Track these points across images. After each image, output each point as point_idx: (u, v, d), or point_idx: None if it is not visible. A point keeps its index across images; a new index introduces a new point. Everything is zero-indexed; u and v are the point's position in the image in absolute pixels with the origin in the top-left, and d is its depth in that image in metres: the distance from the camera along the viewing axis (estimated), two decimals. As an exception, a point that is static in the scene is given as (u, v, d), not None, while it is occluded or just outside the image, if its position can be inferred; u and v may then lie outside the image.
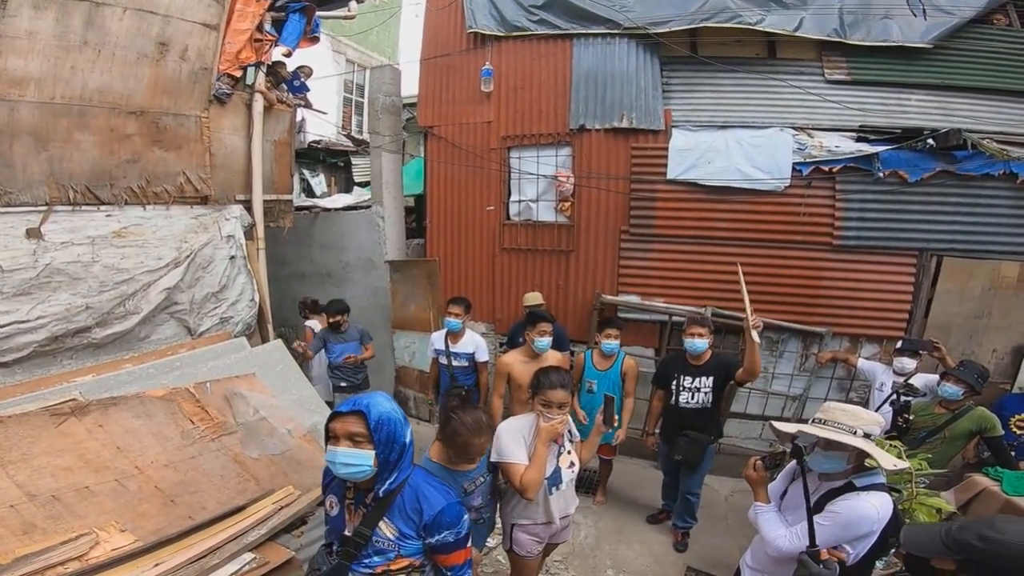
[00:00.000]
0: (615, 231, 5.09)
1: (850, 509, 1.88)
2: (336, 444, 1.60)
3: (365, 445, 1.59)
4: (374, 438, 1.59)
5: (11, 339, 3.10)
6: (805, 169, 4.49)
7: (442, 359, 4.32)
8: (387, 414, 1.63)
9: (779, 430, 2.08)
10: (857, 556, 1.94)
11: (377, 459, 1.61)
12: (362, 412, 1.61)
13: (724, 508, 4.36)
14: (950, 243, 4.37)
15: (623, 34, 4.94)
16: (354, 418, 1.61)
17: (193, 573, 2.36)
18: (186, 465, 3.00)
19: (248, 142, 4.54)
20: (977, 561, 1.42)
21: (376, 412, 1.61)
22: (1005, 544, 1.38)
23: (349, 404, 1.64)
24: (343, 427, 1.60)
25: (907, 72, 4.57)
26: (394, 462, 1.65)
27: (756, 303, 4.68)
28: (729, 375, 3.48)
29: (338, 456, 1.59)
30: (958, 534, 1.45)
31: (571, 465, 2.51)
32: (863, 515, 1.85)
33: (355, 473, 1.60)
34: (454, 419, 2.21)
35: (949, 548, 1.45)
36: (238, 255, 4.27)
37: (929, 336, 4.34)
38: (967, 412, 3.28)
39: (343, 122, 10.28)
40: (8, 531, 2.28)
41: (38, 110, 3.34)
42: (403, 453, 1.67)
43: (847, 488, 1.93)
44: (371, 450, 1.59)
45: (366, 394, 1.69)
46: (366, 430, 1.59)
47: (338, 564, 1.70)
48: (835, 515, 1.89)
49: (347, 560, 1.68)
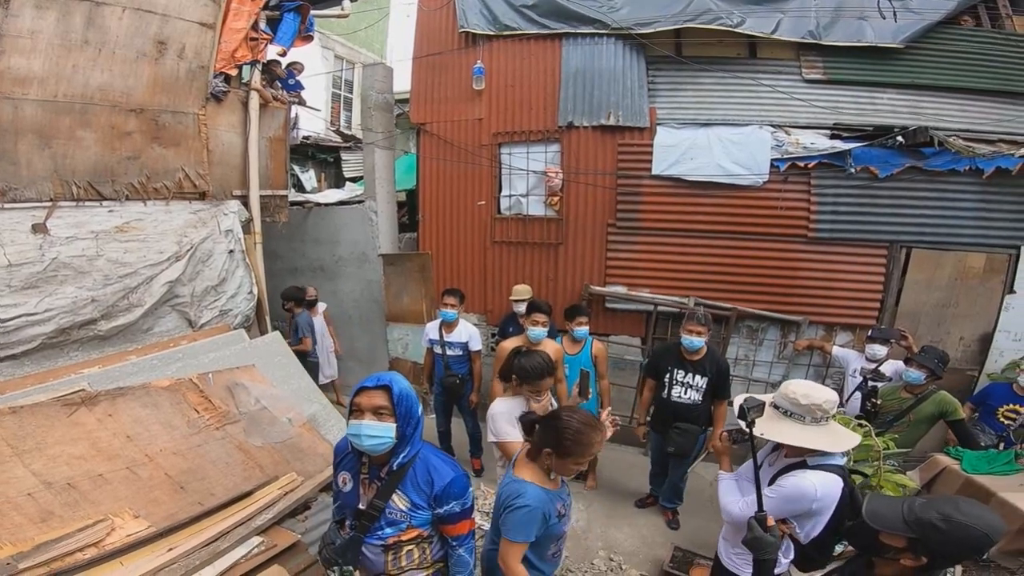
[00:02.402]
0: (602, 224, 5.26)
1: (793, 485, 1.99)
2: (361, 417, 1.69)
3: (388, 418, 1.70)
4: (396, 411, 1.70)
5: (20, 331, 3.18)
6: (782, 165, 4.69)
7: (436, 348, 4.45)
8: (406, 389, 1.75)
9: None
10: (808, 535, 2.05)
11: (398, 431, 1.71)
12: (387, 386, 1.71)
13: (710, 492, 4.52)
14: (919, 235, 4.58)
15: (611, 34, 5.09)
16: (380, 392, 1.71)
17: (205, 556, 2.47)
18: (193, 453, 3.11)
19: (244, 139, 4.63)
20: (932, 541, 1.37)
21: (398, 387, 1.72)
22: (966, 527, 1.34)
23: (374, 380, 1.74)
24: (369, 401, 1.70)
25: (879, 72, 4.76)
26: (410, 435, 1.76)
27: (737, 293, 4.92)
28: (721, 387, 3.56)
29: (363, 428, 1.68)
30: (921, 512, 1.40)
31: None
32: (803, 491, 1.96)
33: (378, 445, 1.70)
34: (569, 419, 1.91)
35: (908, 524, 1.40)
36: (236, 249, 4.36)
37: (899, 324, 4.56)
38: (930, 396, 3.46)
39: (332, 118, 10.30)
40: (27, 519, 2.36)
41: (41, 108, 3.40)
42: (417, 427, 1.79)
43: (800, 465, 2.05)
44: (393, 422, 1.70)
45: (387, 371, 1.81)
46: (390, 404, 1.70)
47: (353, 537, 1.79)
48: (779, 489, 2.03)
49: (361, 532, 1.78)
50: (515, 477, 1.96)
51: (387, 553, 1.80)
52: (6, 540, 2.22)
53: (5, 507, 2.36)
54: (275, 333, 4.50)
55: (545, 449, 1.92)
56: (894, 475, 2.75)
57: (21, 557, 2.17)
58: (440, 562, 1.90)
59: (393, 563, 1.81)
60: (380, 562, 1.81)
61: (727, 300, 4.93)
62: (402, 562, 1.82)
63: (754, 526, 1.73)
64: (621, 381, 5.26)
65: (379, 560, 1.81)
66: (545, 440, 1.93)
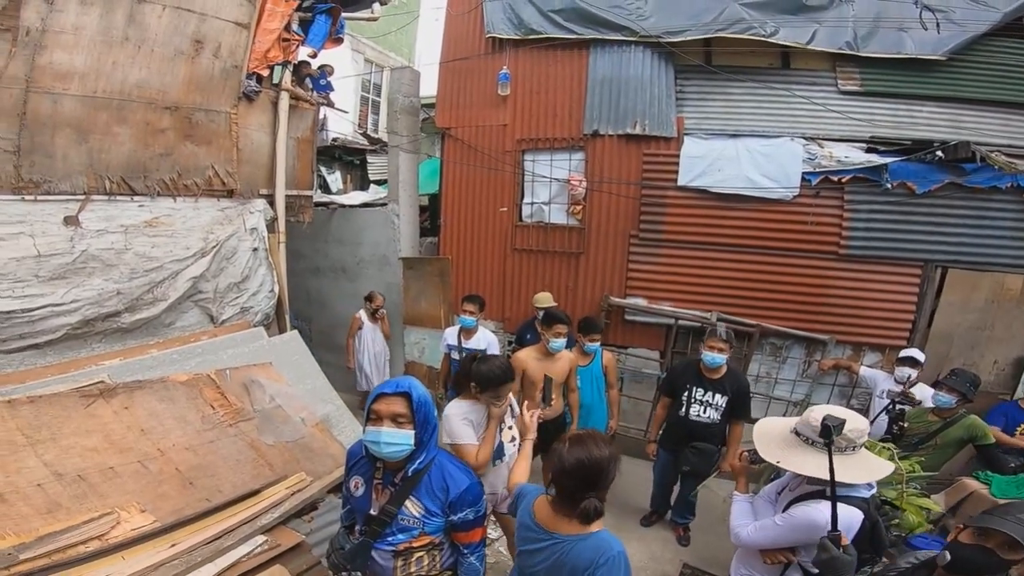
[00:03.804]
0: (624, 235, 5.19)
1: (803, 514, 1.90)
2: (379, 424, 1.66)
3: (407, 425, 1.67)
4: (415, 418, 1.67)
5: (45, 321, 3.25)
6: (814, 179, 4.56)
7: (454, 354, 4.43)
8: (424, 395, 1.72)
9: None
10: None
11: (415, 438, 1.68)
12: (406, 393, 1.68)
13: (722, 510, 4.39)
14: (955, 255, 4.41)
15: (638, 42, 5.03)
16: (399, 399, 1.68)
17: (207, 554, 2.46)
18: (205, 449, 3.12)
19: (273, 138, 4.69)
20: None
21: (417, 394, 1.69)
22: None
23: (392, 385, 1.71)
24: (388, 408, 1.67)
25: (918, 84, 4.62)
26: (426, 441, 1.73)
27: (762, 309, 4.79)
28: (740, 407, 3.49)
29: (382, 436, 1.65)
30: None
31: (512, 440, 2.67)
32: (813, 522, 1.85)
33: (397, 452, 1.67)
34: (603, 454, 1.67)
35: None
36: (260, 247, 4.42)
37: (931, 346, 4.39)
38: (959, 420, 3.34)
39: (360, 120, 10.44)
40: (33, 510, 2.38)
41: (80, 103, 3.49)
42: (433, 433, 1.77)
43: (819, 494, 1.93)
44: (411, 430, 1.67)
45: (403, 376, 1.79)
46: (409, 410, 1.67)
47: (362, 542, 1.77)
48: (788, 518, 1.94)
49: (371, 538, 1.76)
50: (527, 507, 1.77)
51: (397, 559, 1.78)
52: (10, 530, 2.23)
53: (13, 497, 2.38)
54: (293, 332, 4.54)
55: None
56: (918, 498, 2.65)
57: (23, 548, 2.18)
58: (449, 570, 1.89)
59: (403, 569, 1.79)
60: (389, 568, 1.79)
61: (751, 316, 4.81)
62: (411, 568, 1.80)
63: (828, 546, 1.65)
64: (638, 394, 5.17)
65: (388, 566, 1.79)
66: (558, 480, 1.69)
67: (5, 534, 2.21)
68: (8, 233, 3.17)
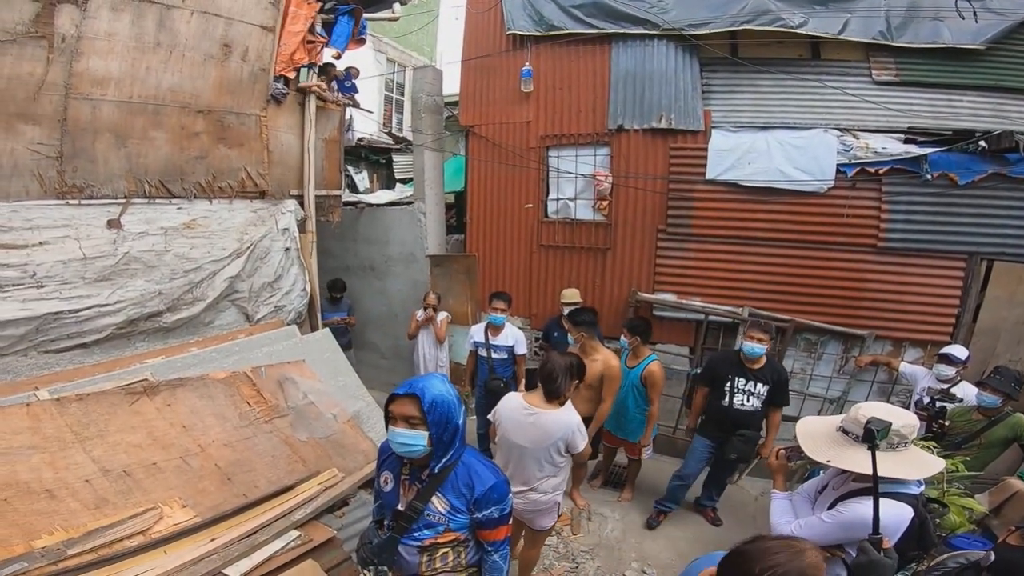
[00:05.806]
0: (652, 230, 5.13)
1: (853, 511, 1.87)
2: (395, 425, 1.71)
3: (420, 426, 1.69)
4: (428, 419, 1.68)
5: (92, 321, 3.36)
6: (849, 170, 4.44)
7: (481, 351, 4.45)
8: (440, 396, 1.71)
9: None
10: None
11: (431, 439, 1.70)
12: (416, 395, 1.70)
13: (754, 508, 4.35)
14: (1001, 247, 4.25)
15: (662, 35, 4.95)
16: (409, 401, 1.70)
17: (244, 548, 2.53)
18: (242, 445, 3.20)
19: (301, 140, 4.77)
20: None
21: (429, 395, 1.70)
22: None
23: (405, 387, 1.73)
24: (400, 410, 1.71)
25: (957, 73, 4.45)
26: (448, 441, 1.74)
27: (796, 304, 4.69)
28: (779, 395, 3.61)
29: (396, 436, 1.70)
30: None
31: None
32: (864, 519, 1.79)
33: (411, 451, 1.70)
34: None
35: None
36: (292, 247, 4.50)
37: (976, 342, 4.24)
38: (1004, 418, 3.24)
39: (384, 120, 10.53)
40: (82, 505, 2.46)
41: (117, 108, 3.59)
42: (456, 432, 1.77)
43: (868, 491, 1.86)
44: (424, 431, 1.69)
45: (422, 376, 1.78)
46: (420, 412, 1.68)
47: (389, 537, 1.80)
48: (837, 515, 1.91)
49: (398, 533, 1.78)
50: None
51: (423, 555, 1.80)
52: (59, 525, 2.31)
53: (62, 493, 2.45)
54: (325, 330, 4.62)
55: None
56: (961, 498, 2.60)
57: (72, 543, 2.25)
58: (473, 567, 1.90)
59: (428, 565, 1.81)
60: (415, 563, 1.81)
61: (784, 311, 4.71)
62: (436, 564, 1.82)
63: (868, 549, 1.63)
64: (666, 391, 5.06)
65: (414, 561, 1.81)
66: None
67: (54, 529, 2.28)
68: (54, 237, 3.29)
